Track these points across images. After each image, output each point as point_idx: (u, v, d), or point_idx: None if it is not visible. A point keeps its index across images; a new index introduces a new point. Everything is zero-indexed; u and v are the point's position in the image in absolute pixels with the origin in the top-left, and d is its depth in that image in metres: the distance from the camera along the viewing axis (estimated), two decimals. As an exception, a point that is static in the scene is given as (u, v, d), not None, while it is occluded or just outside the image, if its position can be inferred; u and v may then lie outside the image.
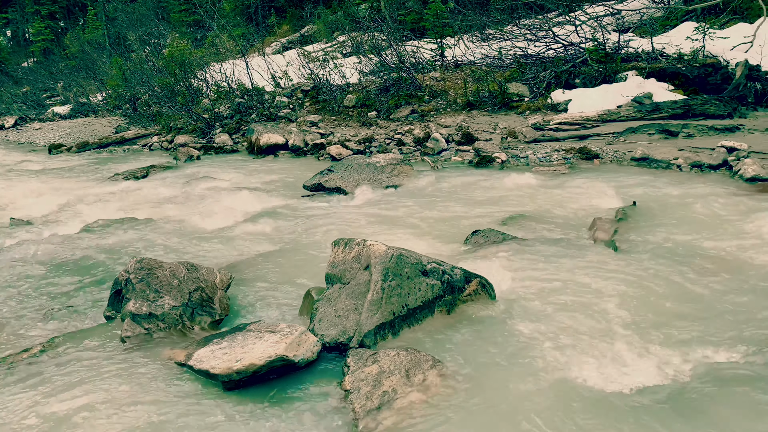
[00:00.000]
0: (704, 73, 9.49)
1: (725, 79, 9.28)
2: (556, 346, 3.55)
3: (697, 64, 9.61)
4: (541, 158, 8.23)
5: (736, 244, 4.95)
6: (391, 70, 11.70)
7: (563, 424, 2.89)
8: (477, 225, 5.74)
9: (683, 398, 3.10)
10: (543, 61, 10.82)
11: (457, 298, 3.90)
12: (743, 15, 10.91)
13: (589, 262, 4.73)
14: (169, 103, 12.68)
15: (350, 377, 3.12)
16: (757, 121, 8.36)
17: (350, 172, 7.45)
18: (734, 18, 10.86)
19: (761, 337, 3.59)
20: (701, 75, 9.48)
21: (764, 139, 7.59)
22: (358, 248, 3.79)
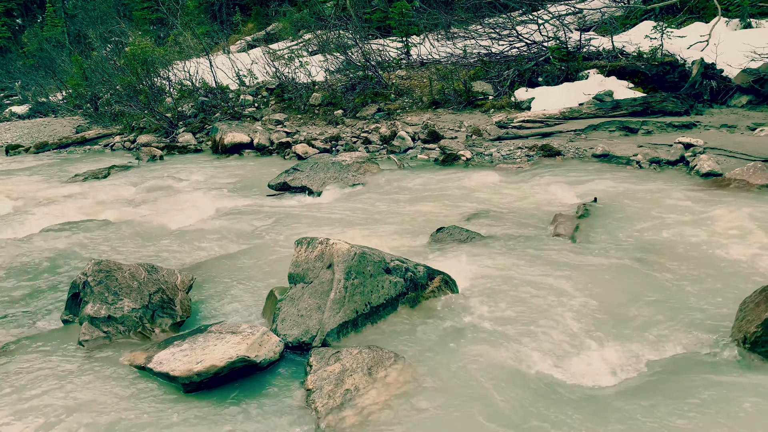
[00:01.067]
0: (662, 71, 9.71)
1: (682, 77, 9.51)
2: (517, 339, 3.60)
3: (656, 63, 9.83)
4: (505, 156, 8.32)
5: (692, 237, 5.08)
6: (357, 69, 11.69)
7: (524, 417, 2.93)
8: (442, 222, 5.77)
9: (640, 388, 3.18)
10: (507, 60, 10.94)
11: (421, 295, 3.92)
12: (699, 14, 11.20)
13: (550, 257, 4.81)
14: (131, 103, 12.45)
15: (312, 376, 3.11)
16: (712, 117, 8.58)
17: (316, 171, 7.42)
18: (691, 17, 11.14)
19: (714, 327, 3.69)
20: (660, 73, 9.70)
21: (719, 136, 7.80)
22: (320, 247, 3.78)
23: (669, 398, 3.03)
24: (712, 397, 3.04)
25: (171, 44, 18.21)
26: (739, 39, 9.58)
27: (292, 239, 5.14)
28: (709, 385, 3.15)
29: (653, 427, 2.85)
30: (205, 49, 14.77)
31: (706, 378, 3.21)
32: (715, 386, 3.13)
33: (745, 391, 3.06)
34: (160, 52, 14.48)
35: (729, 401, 2.98)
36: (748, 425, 2.81)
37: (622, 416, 2.93)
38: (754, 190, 6.01)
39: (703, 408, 2.94)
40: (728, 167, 6.60)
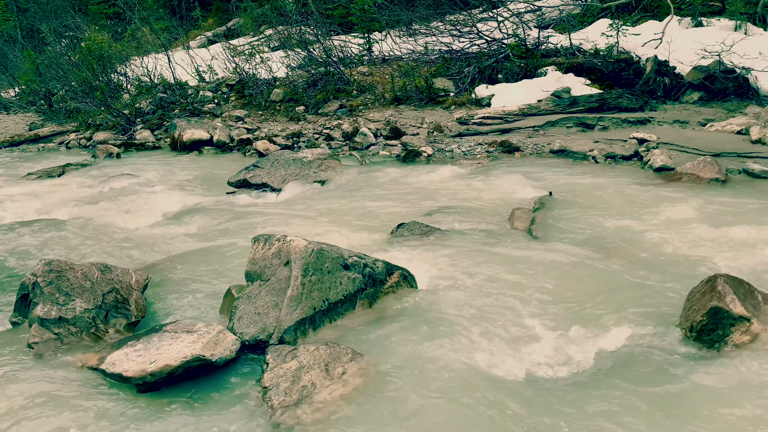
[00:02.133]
0: (618, 68, 9.93)
1: (637, 73, 9.74)
2: (475, 333, 3.65)
3: (612, 60, 10.04)
4: (466, 152, 8.40)
5: (645, 230, 5.22)
6: (318, 65, 11.63)
7: (481, 411, 2.98)
8: (403, 218, 5.80)
9: (594, 377, 3.26)
10: (467, 57, 11.02)
11: (379, 291, 3.94)
12: (653, 13, 11.47)
13: (507, 251, 4.88)
14: (87, 99, 12.13)
15: (269, 374, 3.10)
16: (665, 113, 8.82)
17: (276, 168, 7.37)
18: (645, 16, 11.41)
19: (663, 317, 3.80)
20: (615, 70, 9.91)
21: (672, 131, 8.02)
22: (278, 244, 3.76)
23: (620, 387, 3.12)
24: (660, 385, 3.14)
25: (128, 39, 17.81)
26: (691, 37, 9.85)
27: (251, 237, 5.09)
28: (658, 373, 3.25)
29: (605, 415, 2.93)
30: (163, 44, 14.51)
31: (655, 366, 3.31)
32: (663, 374, 3.23)
33: (690, 378, 3.17)
34: (116, 48, 14.15)
35: (676, 388, 3.08)
36: (692, 411, 2.91)
37: (577, 406, 3.00)
38: (704, 183, 6.20)
39: (651, 395, 3.03)
40: (680, 162, 6.79)
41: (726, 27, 10.33)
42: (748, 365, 3.19)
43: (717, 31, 10.16)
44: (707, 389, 3.07)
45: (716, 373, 3.18)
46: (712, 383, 3.11)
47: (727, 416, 2.85)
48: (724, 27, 10.34)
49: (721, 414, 2.86)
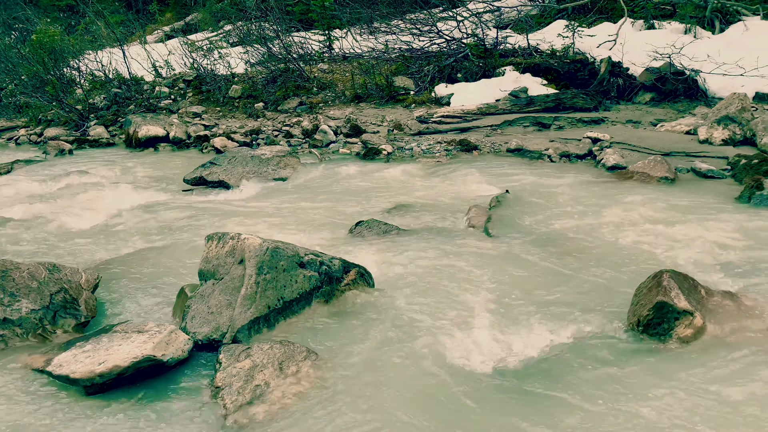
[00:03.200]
0: (574, 68, 10.13)
1: (592, 74, 9.96)
2: (430, 329, 3.68)
3: (568, 60, 10.23)
4: (425, 150, 8.45)
5: (597, 227, 5.35)
6: (278, 61, 11.53)
7: (435, 407, 3.01)
8: (362, 216, 5.81)
9: (545, 371, 3.33)
10: (427, 56, 11.09)
11: (336, 289, 3.94)
12: (608, 15, 11.74)
13: (464, 248, 4.94)
14: (37, 94, 11.75)
15: (222, 373, 3.07)
16: (619, 113, 9.04)
17: (234, 165, 7.28)
18: (600, 18, 11.66)
19: (613, 312, 3.89)
20: (571, 70, 10.11)
21: (624, 131, 8.23)
22: (232, 242, 3.72)
23: (570, 379, 3.19)
24: (608, 377, 3.22)
25: (82, 33, 17.32)
26: (643, 39, 10.12)
27: (206, 235, 5.04)
28: (606, 366, 3.34)
29: (556, 406, 2.99)
30: (118, 39, 14.16)
31: (604, 359, 3.40)
32: (611, 367, 3.32)
33: (637, 371, 3.26)
34: (69, 41, 13.74)
35: (623, 381, 3.17)
36: (638, 402, 2.99)
37: (529, 398, 3.07)
38: (654, 182, 6.38)
39: (599, 388, 3.11)
40: (632, 160, 6.97)
41: (676, 30, 10.64)
42: (691, 358, 3.31)
43: (668, 33, 10.46)
44: (652, 382, 3.16)
45: (661, 365, 3.28)
46: (657, 376, 3.21)
47: (670, 407, 2.94)
48: (675, 30, 10.65)
49: (665, 405, 2.96)
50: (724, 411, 2.87)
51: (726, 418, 2.83)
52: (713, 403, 2.93)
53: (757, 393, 2.96)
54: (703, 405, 2.93)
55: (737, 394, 2.98)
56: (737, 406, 2.89)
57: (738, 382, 3.07)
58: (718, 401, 2.94)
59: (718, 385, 3.06)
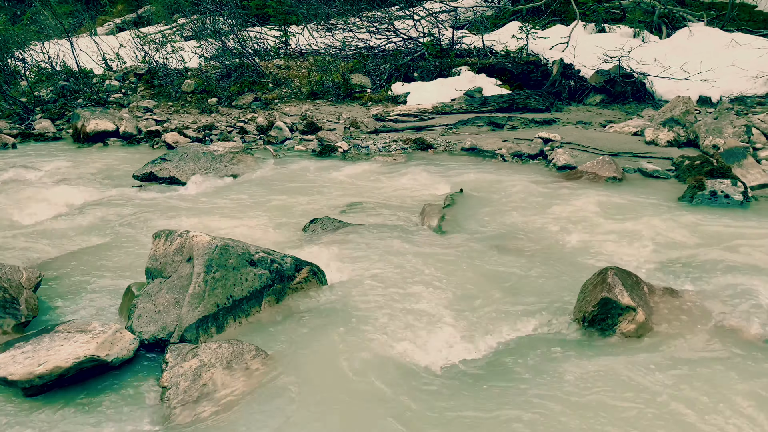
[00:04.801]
0: (527, 69, 10.30)
1: (545, 75, 10.15)
2: (381, 327, 3.69)
3: (522, 62, 10.41)
4: (381, 148, 8.47)
5: (547, 225, 5.46)
6: (233, 56, 11.36)
7: (384, 402, 3.02)
8: (316, 213, 5.78)
9: (494, 367, 3.37)
10: (384, 54, 11.10)
11: (287, 287, 3.91)
12: (561, 18, 11.98)
13: (417, 246, 4.97)
14: (-22, 85, 11.27)
15: (168, 373, 3.02)
16: (570, 114, 9.24)
17: (186, 161, 7.14)
18: (554, 20, 11.90)
19: (561, 309, 3.98)
20: (525, 71, 10.29)
21: (575, 131, 8.42)
22: (180, 240, 3.65)
23: (518, 375, 3.25)
24: (554, 372, 3.29)
25: (27, 23, 16.69)
26: (594, 42, 10.38)
27: (154, 233, 4.93)
28: (553, 361, 3.40)
29: (504, 401, 3.04)
30: (66, 30, 13.70)
31: (551, 355, 3.46)
32: (558, 362, 3.39)
33: (582, 365, 3.34)
34: (14, 31, 13.22)
35: (569, 375, 3.24)
36: (582, 396, 3.07)
37: (478, 394, 3.10)
38: (602, 181, 6.55)
39: (545, 383, 3.18)
40: (581, 160, 7.13)
41: (626, 34, 10.95)
42: (634, 352, 3.41)
43: (618, 37, 10.75)
44: (596, 375, 3.25)
45: (605, 360, 3.37)
46: (601, 370, 3.29)
47: (612, 400, 3.03)
48: (624, 34, 10.96)
49: (607, 398, 3.04)
50: (661, 403, 2.97)
51: (663, 410, 2.93)
52: (652, 395, 3.03)
53: (692, 385, 3.08)
54: (643, 397, 3.02)
55: (675, 387, 3.09)
56: (674, 399, 3.00)
57: (676, 376, 3.18)
58: (657, 394, 3.04)
59: (658, 378, 3.16)
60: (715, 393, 3.01)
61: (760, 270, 4.40)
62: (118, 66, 12.26)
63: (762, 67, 9.44)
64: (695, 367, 3.24)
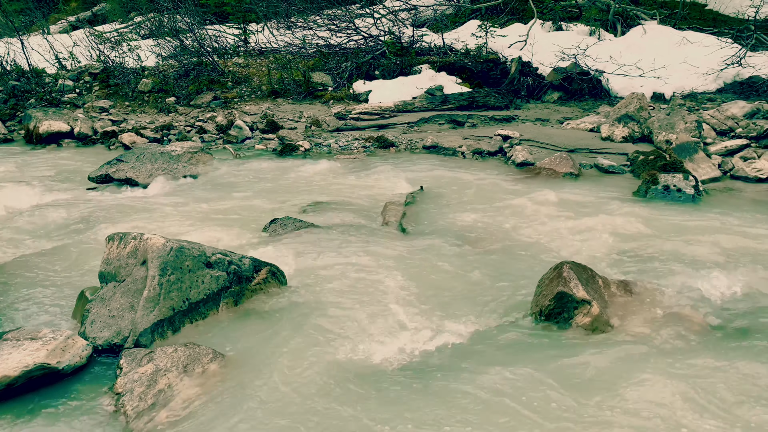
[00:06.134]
0: (487, 68, 10.41)
1: (504, 73, 10.27)
2: (340, 326, 3.69)
3: (481, 60, 10.51)
4: (343, 146, 8.45)
5: (506, 221, 5.53)
6: (191, 55, 11.18)
7: (342, 401, 3.01)
8: (277, 213, 5.74)
9: (456, 363, 3.40)
10: (345, 52, 11.08)
11: (246, 288, 3.87)
12: (519, 16, 12.14)
13: (378, 245, 4.97)
14: (-77, 85, 10.84)
15: (123, 379, 2.96)
16: (528, 112, 9.37)
17: (143, 162, 7.00)
18: (512, 18, 12.04)
19: (520, 303, 4.03)
20: (484, 70, 10.39)
21: (533, 128, 8.54)
22: (134, 242, 3.58)
23: (473, 370, 3.28)
24: (512, 366, 3.33)
25: (-25, 20, 16.11)
26: (551, 40, 10.54)
27: (107, 235, 4.82)
28: (512, 355, 3.45)
29: (460, 397, 3.07)
30: (17, 28, 13.28)
31: (510, 349, 3.51)
32: (517, 356, 3.44)
33: (539, 358, 3.40)
34: (-40, 29, 12.77)
35: (524, 368, 3.28)
36: (538, 388, 3.12)
37: (440, 389, 3.12)
38: (560, 177, 6.67)
39: (502, 377, 3.22)
40: (540, 157, 7.24)
41: (582, 32, 11.16)
42: (588, 344, 3.48)
43: (574, 35, 10.95)
44: (553, 368, 3.30)
45: (561, 353, 3.44)
46: (557, 363, 3.35)
47: (566, 392, 3.09)
48: (581, 32, 11.17)
49: (562, 390, 3.10)
50: (616, 393, 3.04)
51: (617, 400, 3.00)
52: (607, 385, 3.10)
53: (644, 373, 3.16)
54: (597, 388, 3.09)
55: (629, 377, 3.17)
56: (628, 388, 3.07)
57: (630, 366, 3.26)
58: (612, 384, 3.11)
59: (612, 369, 3.24)
60: (666, 380, 3.09)
61: (708, 261, 4.54)
62: (73, 65, 11.94)
63: (711, 65, 9.73)
64: (647, 356, 3.33)
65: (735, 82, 9.64)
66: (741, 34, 10.22)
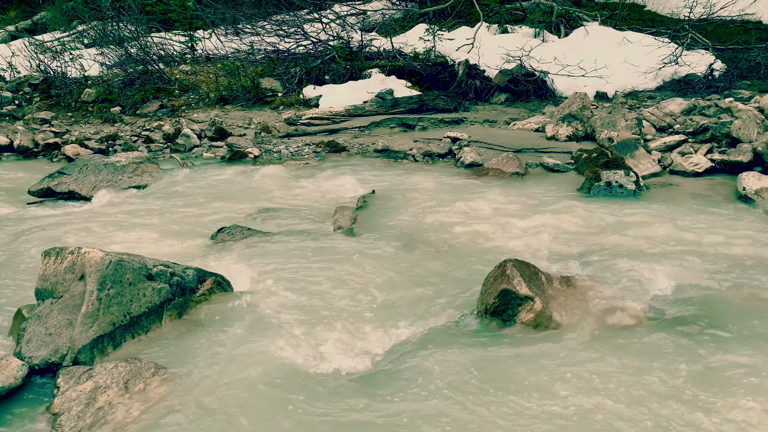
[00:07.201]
0: (435, 71, 10.53)
1: (452, 76, 10.40)
2: (289, 333, 3.67)
3: (430, 63, 10.62)
4: (294, 152, 8.41)
5: (455, 222, 5.59)
6: (136, 63, 10.96)
7: (290, 409, 3.00)
8: (225, 222, 5.67)
9: (405, 366, 3.41)
10: (294, 57, 11.04)
11: (190, 300, 3.81)
12: (466, 19, 12.31)
13: (328, 250, 4.96)
14: None
15: (60, 398, 2.87)
16: (477, 113, 9.51)
17: (86, 174, 6.82)
18: (459, 22, 12.21)
19: (468, 302, 4.09)
20: (433, 73, 10.50)
21: (482, 130, 8.67)
22: (71, 257, 3.49)
23: (419, 372, 3.30)
24: (457, 366, 3.37)
25: None
26: (497, 43, 10.73)
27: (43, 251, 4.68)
28: (455, 355, 3.48)
29: (407, 400, 3.09)
30: (-49, 37, 12.79)
31: (454, 349, 3.54)
32: (460, 356, 3.47)
33: (485, 356, 3.45)
34: None
35: (470, 368, 3.33)
36: (484, 387, 3.17)
37: (382, 397, 3.13)
38: (507, 177, 6.79)
39: (448, 378, 3.26)
40: (487, 158, 7.35)
41: (527, 34, 11.39)
42: (532, 340, 3.56)
43: (520, 37, 11.16)
44: (498, 365, 3.36)
45: (505, 350, 3.50)
46: (501, 360, 3.41)
47: (512, 387, 3.14)
48: (526, 34, 11.40)
49: (507, 386, 3.15)
50: (558, 390, 3.11)
51: (559, 396, 3.07)
52: (550, 382, 3.17)
53: (585, 367, 3.24)
54: (540, 385, 3.15)
55: (571, 372, 3.24)
56: (569, 383, 3.15)
57: (571, 360, 3.34)
58: (555, 380, 3.18)
59: (554, 365, 3.31)
60: (606, 372, 3.18)
61: (648, 255, 4.70)
62: (11, 76, 11.56)
63: (651, 64, 10.06)
64: (588, 350, 3.42)
65: (673, 80, 10.00)
66: (677, 33, 10.60)
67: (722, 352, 3.39)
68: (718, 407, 2.94)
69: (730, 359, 3.33)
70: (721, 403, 2.96)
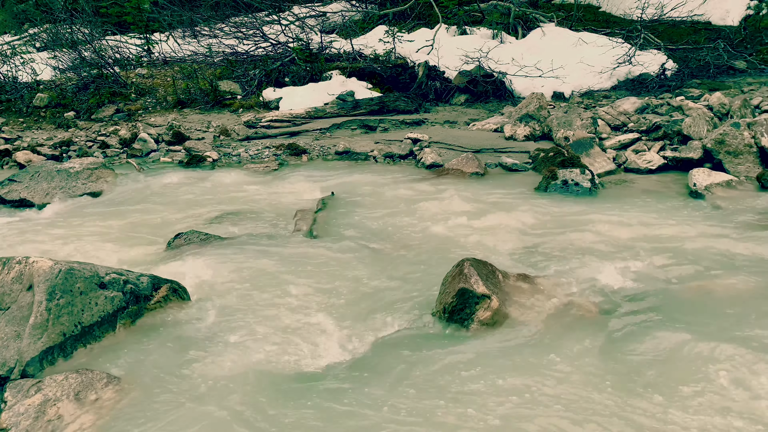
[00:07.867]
0: (396, 72, 10.56)
1: (413, 78, 10.45)
2: (244, 339, 3.63)
3: (390, 65, 10.65)
4: (253, 155, 8.33)
5: (415, 223, 5.62)
6: (91, 67, 10.72)
7: (248, 414, 2.96)
8: (182, 228, 5.58)
9: (360, 368, 3.41)
10: (253, 60, 10.95)
11: (144, 307, 3.74)
12: (426, 21, 12.40)
13: (287, 253, 4.94)
14: None
15: (7, 413, 2.79)
16: (437, 115, 9.58)
17: (38, 181, 6.65)
18: (419, 23, 12.29)
19: (427, 303, 4.11)
20: (393, 74, 10.54)
21: (442, 131, 8.74)
22: (18, 267, 3.39)
23: (379, 374, 3.31)
24: (416, 366, 3.39)
25: None
26: (456, 44, 10.83)
27: None
28: (414, 355, 3.50)
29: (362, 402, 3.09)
30: None
31: (413, 350, 3.56)
32: (419, 356, 3.49)
33: (443, 355, 3.47)
34: None
35: (428, 368, 3.35)
36: (444, 385, 3.19)
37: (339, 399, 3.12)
38: (467, 177, 6.85)
39: (406, 378, 3.27)
40: (448, 158, 7.41)
41: (485, 35, 11.52)
42: (489, 338, 3.60)
43: (478, 39, 11.29)
44: (457, 364, 3.38)
45: (464, 348, 3.53)
46: (460, 358, 3.44)
47: (471, 385, 3.17)
48: (484, 35, 11.53)
49: (467, 384, 3.18)
50: (513, 386, 3.15)
51: (515, 393, 3.11)
52: (503, 379, 3.21)
53: (540, 362, 3.29)
54: (497, 379, 3.19)
55: (526, 368, 3.29)
56: (524, 379, 3.19)
57: (527, 357, 3.39)
58: (509, 377, 3.22)
59: (510, 362, 3.35)
60: (560, 365, 3.24)
61: (602, 251, 4.79)
62: (-42, 81, 11.17)
63: (605, 63, 10.29)
64: (543, 345, 3.47)
65: (627, 79, 10.24)
66: (630, 34, 10.86)
67: (673, 342, 3.48)
68: (667, 394, 3.01)
69: (681, 349, 3.41)
70: (670, 391, 3.04)
